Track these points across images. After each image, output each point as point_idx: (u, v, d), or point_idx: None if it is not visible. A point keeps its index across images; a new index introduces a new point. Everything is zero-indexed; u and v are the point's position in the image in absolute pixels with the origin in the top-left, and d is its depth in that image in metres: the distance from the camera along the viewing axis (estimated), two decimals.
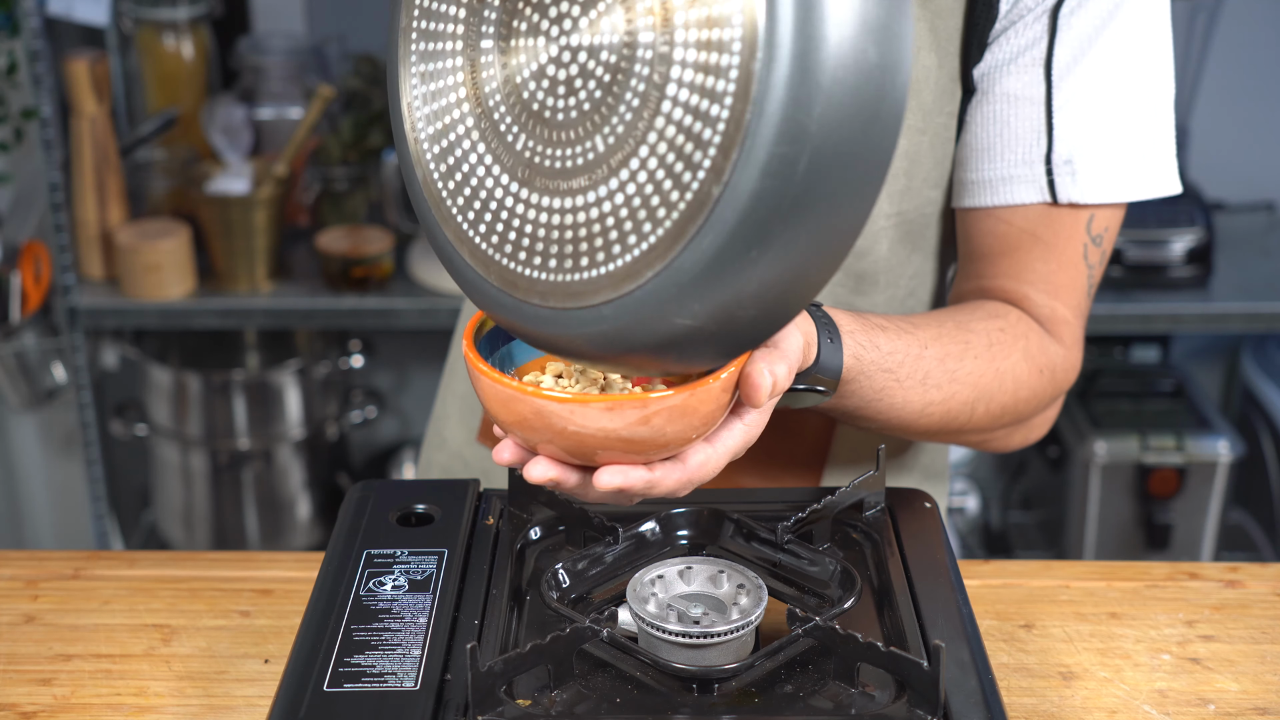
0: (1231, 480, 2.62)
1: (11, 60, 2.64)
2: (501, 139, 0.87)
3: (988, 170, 1.20)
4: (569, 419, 0.88)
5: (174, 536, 2.77)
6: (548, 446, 0.91)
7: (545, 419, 0.89)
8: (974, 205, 1.22)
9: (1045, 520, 2.83)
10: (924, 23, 1.18)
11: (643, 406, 0.87)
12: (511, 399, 0.89)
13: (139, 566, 1.25)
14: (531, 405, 0.89)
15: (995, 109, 1.19)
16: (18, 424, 2.91)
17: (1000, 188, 1.20)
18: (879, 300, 1.28)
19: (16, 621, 1.17)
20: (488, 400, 0.92)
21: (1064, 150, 1.18)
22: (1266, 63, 2.78)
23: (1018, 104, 1.18)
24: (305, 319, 2.55)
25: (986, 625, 1.16)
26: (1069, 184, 1.18)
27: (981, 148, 1.20)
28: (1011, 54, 1.18)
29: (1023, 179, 1.19)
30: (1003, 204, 1.20)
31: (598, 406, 0.87)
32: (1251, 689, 1.10)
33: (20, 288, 2.55)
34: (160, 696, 1.09)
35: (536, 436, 0.91)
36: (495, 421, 0.94)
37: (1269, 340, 2.85)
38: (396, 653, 0.97)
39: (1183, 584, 1.23)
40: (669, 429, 0.89)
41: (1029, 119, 1.18)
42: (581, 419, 0.88)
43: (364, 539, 1.09)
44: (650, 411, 0.87)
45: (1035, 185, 1.19)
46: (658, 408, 0.87)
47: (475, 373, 0.92)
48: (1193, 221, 2.52)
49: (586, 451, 0.90)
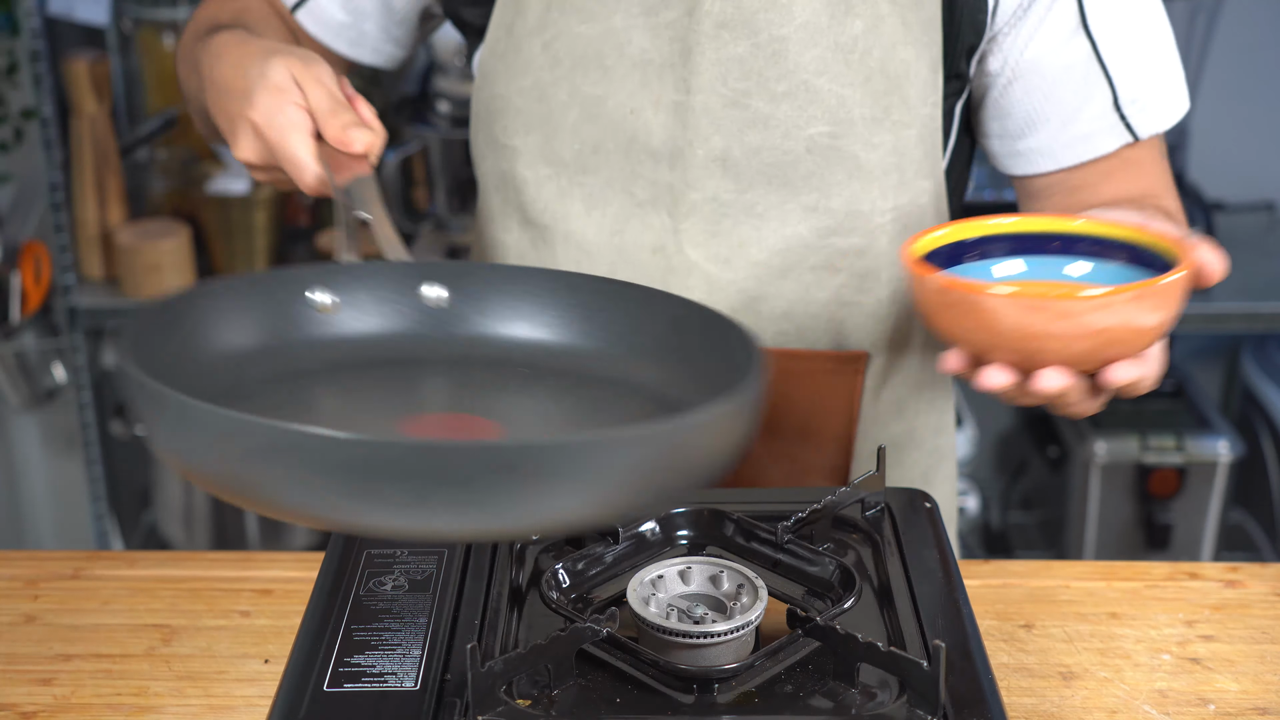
0: (1231, 480, 2.62)
1: (11, 60, 2.64)
2: None
3: (1060, 133, 1.26)
4: (1091, 314, 0.92)
5: (174, 536, 2.77)
6: (999, 353, 0.95)
7: (1059, 319, 0.92)
8: (1056, 168, 1.27)
9: (1045, 520, 2.83)
10: (895, 17, 1.20)
11: (1167, 292, 0.93)
12: (1018, 305, 0.93)
13: (139, 566, 1.25)
14: (1058, 308, 0.92)
15: (1045, 82, 1.24)
16: (18, 424, 2.91)
17: (1081, 144, 1.26)
18: (883, 295, 1.28)
19: (16, 621, 1.17)
20: (975, 311, 0.94)
21: (1128, 92, 1.24)
22: (1266, 63, 2.78)
23: (1068, 68, 1.23)
24: None
25: (986, 625, 1.16)
26: (1144, 119, 1.25)
27: (1043, 116, 1.26)
28: (1038, 23, 1.22)
29: (1101, 131, 1.25)
30: (1090, 158, 1.26)
31: (1125, 296, 0.91)
32: (1251, 689, 1.10)
33: (20, 288, 2.54)
34: (160, 696, 1.09)
35: (1007, 342, 0.94)
36: (945, 331, 0.97)
37: (1269, 340, 2.85)
38: (396, 653, 0.97)
39: (1183, 584, 1.23)
40: (1151, 318, 0.93)
41: (1082, 76, 1.24)
42: (1109, 313, 0.92)
43: (364, 539, 1.09)
44: (1165, 296, 0.93)
45: (1114, 131, 1.25)
46: (1171, 291, 0.93)
47: (945, 286, 0.95)
48: (1193, 221, 2.52)
49: (1042, 351, 0.94)
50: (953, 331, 0.97)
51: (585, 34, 1.23)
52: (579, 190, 1.27)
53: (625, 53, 1.22)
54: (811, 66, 1.20)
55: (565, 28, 1.23)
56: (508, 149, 1.29)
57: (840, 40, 1.20)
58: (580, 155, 1.26)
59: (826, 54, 1.20)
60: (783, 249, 1.25)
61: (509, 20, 1.26)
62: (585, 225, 1.28)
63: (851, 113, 1.21)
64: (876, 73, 1.21)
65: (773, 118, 1.21)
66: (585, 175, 1.26)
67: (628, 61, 1.22)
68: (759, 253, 1.25)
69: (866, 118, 1.22)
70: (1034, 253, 1.05)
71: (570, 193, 1.27)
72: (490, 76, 1.28)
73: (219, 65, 1.19)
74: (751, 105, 1.21)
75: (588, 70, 1.23)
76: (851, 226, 1.25)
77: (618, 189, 1.26)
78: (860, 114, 1.21)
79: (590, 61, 1.23)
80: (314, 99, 1.11)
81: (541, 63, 1.25)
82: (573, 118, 1.25)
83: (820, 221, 1.25)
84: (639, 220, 1.26)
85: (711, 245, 1.25)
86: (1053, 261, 1.05)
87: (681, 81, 1.22)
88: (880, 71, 1.21)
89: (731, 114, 1.22)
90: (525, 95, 1.26)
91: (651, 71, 1.22)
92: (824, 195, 1.24)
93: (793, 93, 1.21)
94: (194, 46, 1.28)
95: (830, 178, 1.23)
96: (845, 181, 1.24)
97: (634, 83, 1.23)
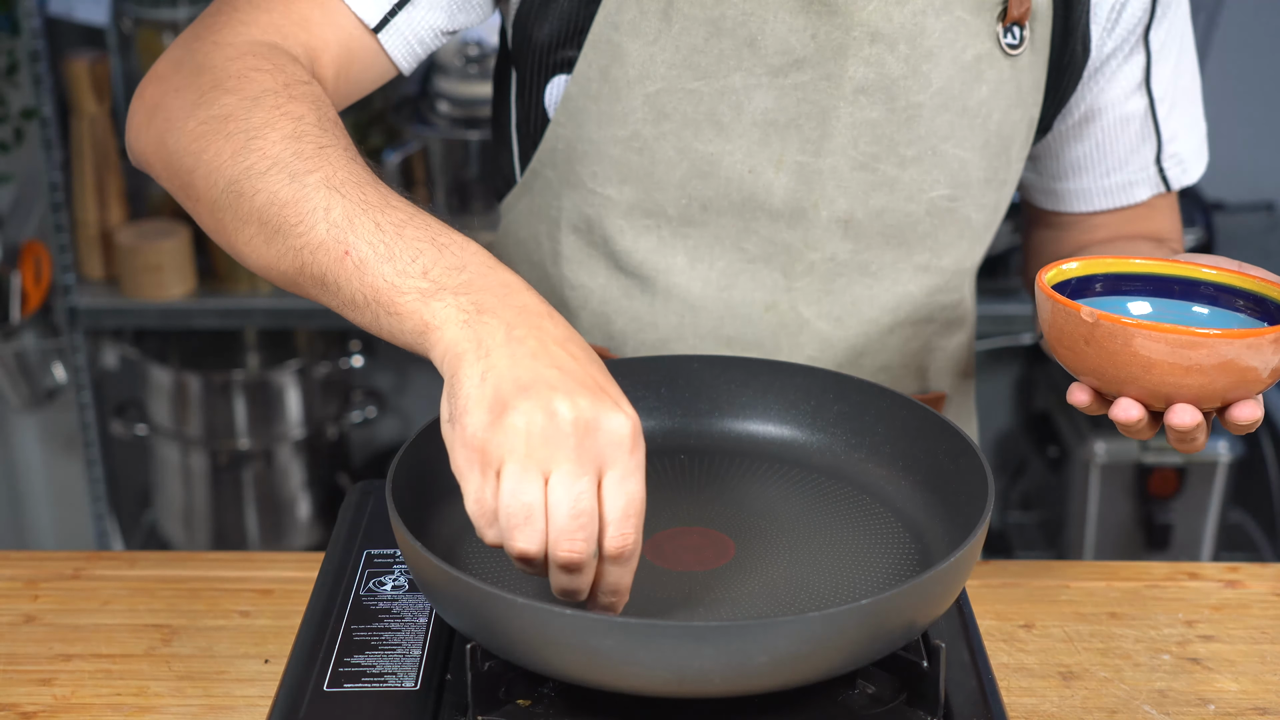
0: (1231, 480, 2.62)
1: (11, 60, 2.64)
2: None
3: (1103, 180, 1.33)
4: (1233, 351, 0.97)
5: (174, 536, 2.77)
6: (1135, 387, 1.01)
7: (1209, 357, 0.97)
8: (1092, 210, 1.35)
9: (1045, 520, 2.83)
10: (1013, 82, 1.21)
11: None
12: (1186, 344, 0.97)
13: (139, 566, 1.25)
14: (1210, 346, 0.97)
15: (1101, 128, 1.30)
16: (18, 424, 2.91)
17: (1120, 192, 1.33)
18: (964, 339, 1.36)
19: (16, 621, 1.17)
20: (1145, 352, 0.98)
21: (1171, 149, 1.31)
22: (1266, 63, 2.78)
23: (1126, 121, 1.30)
24: (305, 319, 2.55)
25: (986, 625, 1.16)
26: (1179, 174, 1.33)
27: (1091, 162, 1.32)
28: (1109, 78, 1.27)
29: (1141, 181, 1.32)
30: (1124, 205, 1.34)
31: (1269, 338, 0.97)
32: (1251, 689, 1.10)
33: (20, 288, 2.54)
34: (160, 696, 1.09)
35: (1150, 377, 1.00)
36: (1080, 362, 1.02)
37: None
38: (396, 653, 0.97)
39: (1183, 584, 1.23)
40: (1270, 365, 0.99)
41: (1136, 131, 1.30)
42: (1254, 354, 0.97)
43: (364, 539, 1.09)
44: None
45: (1151, 183, 1.33)
46: None
47: (1100, 319, 0.99)
48: (1193, 222, 2.52)
49: (1180, 388, 0.99)
50: (1091, 363, 1.02)
51: (699, 91, 1.18)
52: (682, 244, 1.24)
53: (744, 111, 1.18)
54: (941, 132, 1.20)
55: (674, 83, 1.18)
56: (597, 195, 1.23)
57: (968, 105, 1.20)
58: (687, 210, 1.22)
59: (955, 119, 1.20)
60: (894, 306, 1.27)
61: (604, 63, 1.19)
62: (690, 280, 1.25)
63: (970, 175, 1.23)
64: (994, 136, 1.22)
65: (899, 181, 1.21)
66: (690, 228, 1.23)
67: (746, 120, 1.19)
68: (870, 310, 1.26)
69: (980, 180, 1.23)
70: (1157, 295, 1.11)
71: (673, 245, 1.24)
72: (578, 117, 1.21)
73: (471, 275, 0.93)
74: (880, 169, 1.20)
75: (699, 128, 1.19)
76: (956, 284, 1.29)
77: (727, 245, 1.23)
78: (976, 176, 1.23)
79: (703, 118, 1.19)
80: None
81: (643, 115, 1.19)
82: (680, 174, 1.20)
83: (930, 280, 1.27)
84: (749, 276, 1.24)
85: (825, 303, 1.25)
86: (1176, 305, 1.10)
87: (809, 143, 1.19)
88: (996, 135, 1.22)
89: (859, 176, 1.20)
90: (622, 146, 1.21)
91: (774, 131, 1.19)
92: (935, 255, 1.26)
93: (920, 158, 1.21)
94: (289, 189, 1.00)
95: (943, 237, 1.25)
96: (955, 241, 1.26)
97: (752, 141, 1.19)
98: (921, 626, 0.90)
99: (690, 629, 0.84)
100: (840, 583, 0.98)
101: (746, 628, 0.84)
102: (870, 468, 1.09)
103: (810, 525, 1.05)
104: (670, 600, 0.96)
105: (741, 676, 0.85)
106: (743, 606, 0.96)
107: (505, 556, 0.98)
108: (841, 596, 0.97)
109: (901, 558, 1.01)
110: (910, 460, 1.07)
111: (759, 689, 0.86)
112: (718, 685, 0.85)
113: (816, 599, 0.97)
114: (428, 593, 0.92)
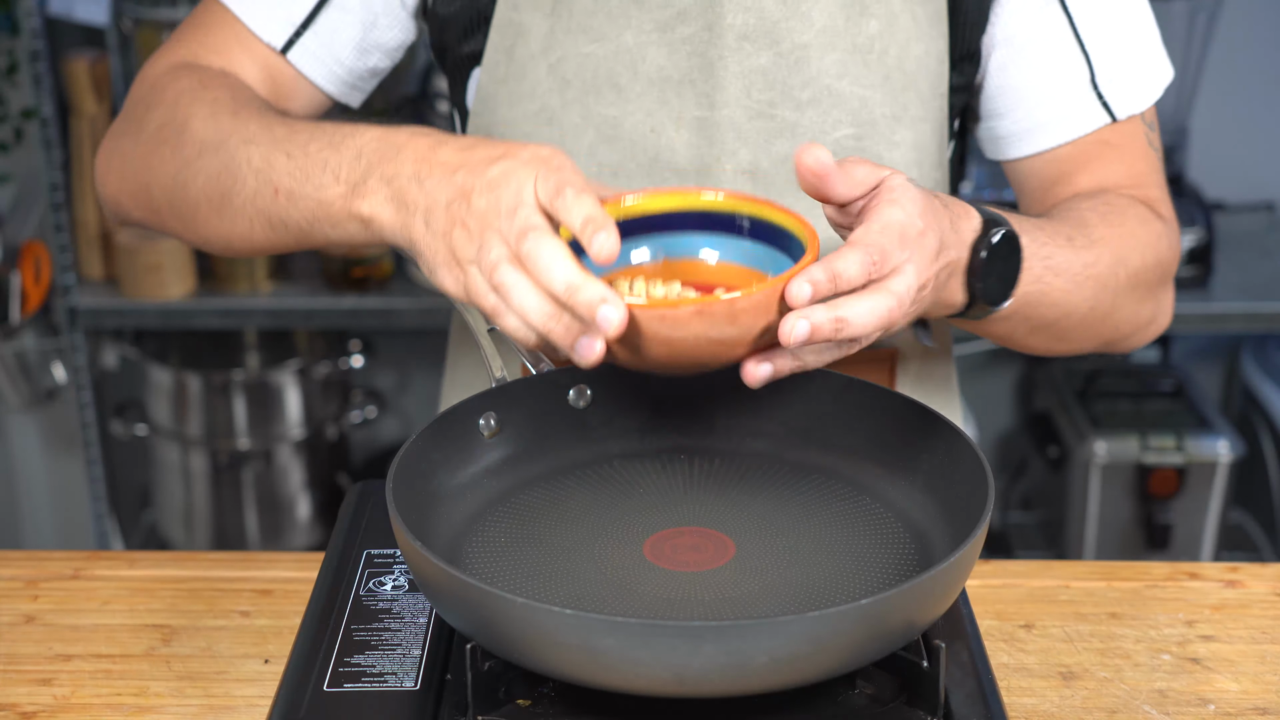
0: (1231, 480, 2.62)
1: (11, 60, 2.64)
2: None
3: (1037, 114, 1.24)
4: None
5: (174, 536, 2.77)
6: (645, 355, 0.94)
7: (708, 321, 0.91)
8: (1034, 151, 1.25)
9: (1045, 520, 2.83)
10: (907, 14, 1.20)
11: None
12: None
13: (139, 566, 1.25)
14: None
15: (1020, 58, 1.22)
16: (18, 424, 2.91)
17: (1058, 126, 1.24)
18: None
19: (16, 621, 1.17)
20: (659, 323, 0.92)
21: (1105, 70, 1.22)
22: (1266, 63, 2.78)
23: (1045, 46, 1.22)
24: (305, 319, 2.54)
25: (986, 625, 1.16)
26: (1122, 99, 1.23)
27: (1018, 98, 1.24)
28: (1019, 4, 1.21)
29: (1078, 110, 1.23)
30: (1067, 140, 1.24)
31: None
32: (1251, 689, 1.10)
33: (20, 288, 2.54)
34: (160, 696, 1.09)
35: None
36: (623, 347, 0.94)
37: (1269, 340, 2.85)
38: (396, 653, 0.97)
39: (1183, 584, 1.23)
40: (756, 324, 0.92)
41: (1061, 55, 1.22)
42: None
43: (364, 539, 1.09)
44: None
45: (1092, 111, 1.23)
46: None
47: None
48: (1193, 221, 2.51)
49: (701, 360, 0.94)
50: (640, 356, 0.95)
51: (595, 54, 1.20)
52: None
53: (640, 71, 1.20)
54: (833, 70, 1.20)
55: (572, 49, 1.20)
56: None
57: (858, 42, 1.19)
58: (599, 178, 1.22)
59: (846, 57, 1.19)
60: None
61: (508, 44, 1.22)
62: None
63: (874, 113, 1.21)
64: (894, 70, 1.21)
65: (798, 125, 1.21)
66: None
67: (643, 80, 1.20)
68: None
69: (887, 116, 1.21)
70: (664, 230, 1.01)
71: None
72: (491, 102, 1.25)
73: (398, 160, 1.00)
74: (777, 115, 1.20)
75: (601, 91, 1.21)
76: None
77: None
78: (881, 113, 1.21)
79: (603, 82, 1.20)
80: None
81: (549, 86, 1.22)
82: (588, 140, 1.22)
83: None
84: None
85: None
86: (684, 240, 1.01)
87: (704, 97, 1.20)
88: (897, 69, 1.21)
89: (757, 125, 1.20)
90: (533, 120, 1.23)
91: (670, 88, 1.20)
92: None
93: (817, 99, 1.20)
94: (228, 129, 1.10)
95: None
96: None
97: (651, 101, 1.20)
98: (921, 626, 0.90)
99: (690, 629, 0.84)
100: (840, 583, 0.98)
101: (746, 628, 0.85)
102: (870, 468, 1.09)
103: (810, 525, 1.05)
104: (670, 600, 0.96)
105: (741, 676, 0.85)
106: (742, 607, 0.96)
107: (505, 556, 0.99)
108: (841, 597, 0.97)
109: (901, 558, 1.01)
110: (910, 460, 1.07)
111: (759, 689, 0.86)
112: (718, 685, 0.85)
113: (816, 599, 0.97)
114: (428, 593, 0.92)
